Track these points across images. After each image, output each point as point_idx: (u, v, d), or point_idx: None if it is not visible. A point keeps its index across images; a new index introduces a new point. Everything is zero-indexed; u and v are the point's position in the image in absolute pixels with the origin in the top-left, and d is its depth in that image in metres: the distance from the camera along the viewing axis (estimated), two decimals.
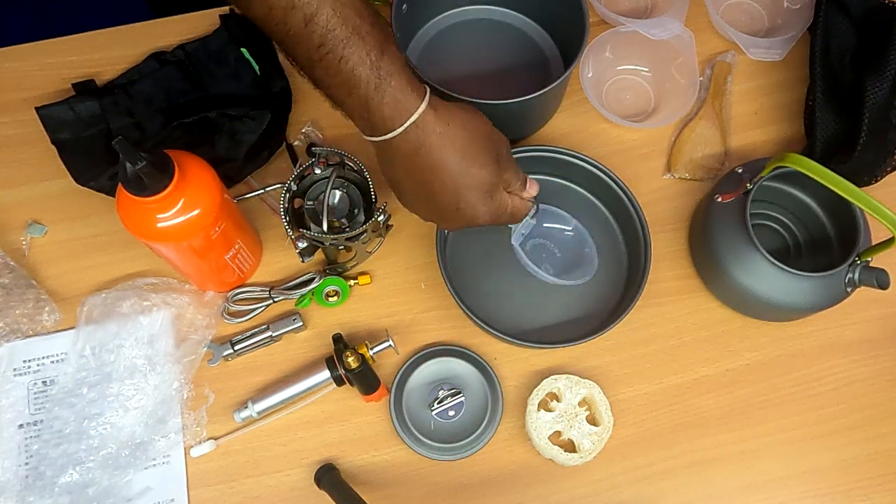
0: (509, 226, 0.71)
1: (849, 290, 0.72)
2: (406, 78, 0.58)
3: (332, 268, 0.79)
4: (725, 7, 0.94)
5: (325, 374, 0.73)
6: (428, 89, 0.59)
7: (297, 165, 0.79)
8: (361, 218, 0.74)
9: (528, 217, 0.69)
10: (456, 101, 0.63)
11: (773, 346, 0.79)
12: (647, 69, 0.91)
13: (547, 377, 0.75)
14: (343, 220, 0.74)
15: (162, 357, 0.75)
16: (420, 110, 0.58)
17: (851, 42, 0.83)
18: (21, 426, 0.74)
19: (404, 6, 0.82)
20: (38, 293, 0.77)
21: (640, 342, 0.78)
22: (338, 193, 0.75)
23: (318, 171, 0.74)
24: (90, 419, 0.73)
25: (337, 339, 0.74)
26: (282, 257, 0.81)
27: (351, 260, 0.79)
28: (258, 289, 0.78)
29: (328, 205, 0.71)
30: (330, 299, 0.79)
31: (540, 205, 0.72)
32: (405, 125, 0.58)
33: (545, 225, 0.76)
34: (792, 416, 0.76)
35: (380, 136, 0.59)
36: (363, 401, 0.75)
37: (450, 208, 0.62)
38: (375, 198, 0.74)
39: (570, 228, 0.77)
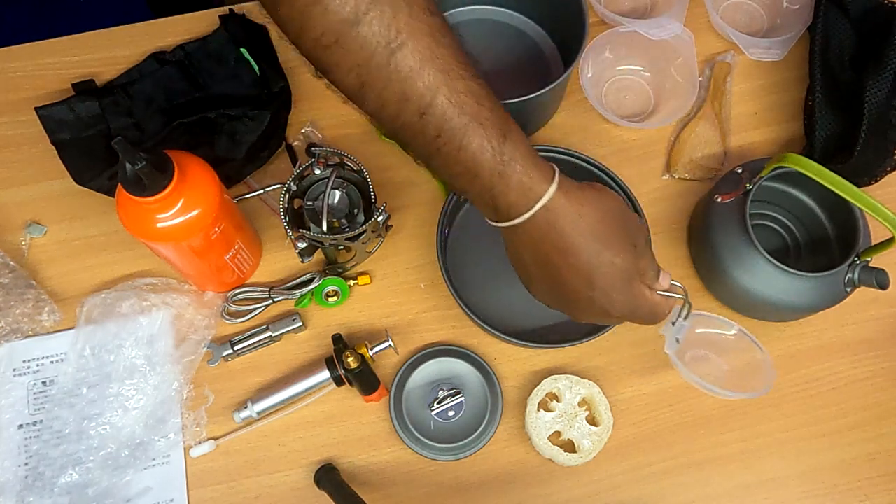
0: (661, 332, 0.66)
1: (848, 290, 0.72)
2: (532, 161, 0.54)
3: (332, 268, 0.79)
4: (725, 7, 0.95)
5: (325, 374, 0.73)
6: (556, 170, 0.55)
7: (297, 165, 0.79)
8: (361, 218, 0.74)
9: (680, 318, 0.62)
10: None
11: (772, 346, 0.78)
12: (646, 69, 0.91)
13: (547, 377, 0.75)
14: (343, 221, 0.74)
15: (161, 357, 0.75)
16: (549, 193, 0.54)
17: (851, 42, 0.83)
18: (21, 426, 0.74)
19: None
20: (37, 293, 0.77)
21: (640, 342, 0.78)
22: (337, 193, 0.75)
23: (317, 171, 0.74)
24: (90, 419, 0.73)
25: (337, 339, 0.74)
26: (281, 257, 0.81)
27: (351, 260, 0.79)
28: (258, 289, 0.78)
29: (328, 205, 0.71)
30: (330, 299, 0.79)
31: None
32: (533, 210, 0.54)
33: (698, 331, 0.69)
34: (792, 416, 0.76)
35: (505, 222, 0.56)
36: (363, 401, 0.75)
37: (582, 297, 0.57)
38: (375, 198, 0.74)
39: (732, 333, 0.71)
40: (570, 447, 0.74)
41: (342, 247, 0.76)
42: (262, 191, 0.81)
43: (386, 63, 0.51)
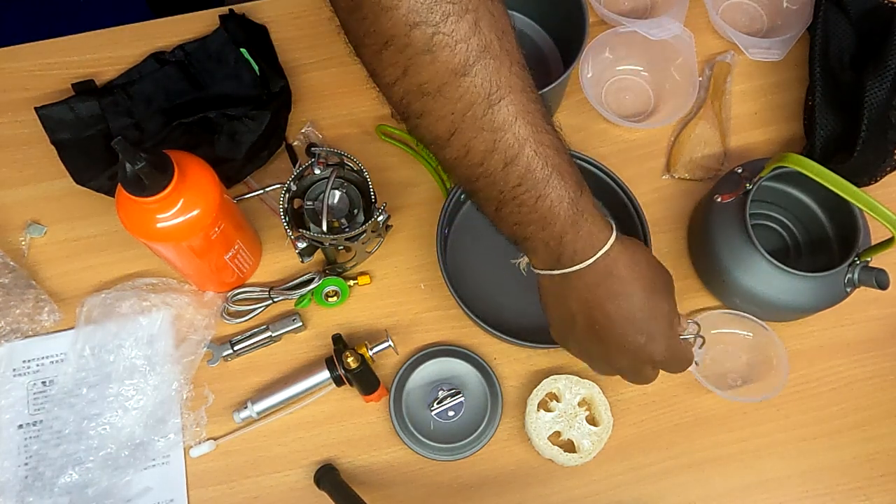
0: None
1: (848, 290, 0.72)
2: (597, 211, 0.57)
3: (332, 268, 0.79)
4: (725, 7, 0.94)
5: (325, 374, 0.73)
6: (611, 220, 0.59)
7: (297, 165, 0.79)
8: (361, 218, 0.75)
9: (695, 347, 0.66)
10: None
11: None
12: (646, 69, 0.91)
13: (547, 377, 0.75)
14: (342, 221, 0.74)
15: (161, 357, 0.75)
16: (611, 241, 0.57)
17: (851, 42, 0.83)
18: (20, 426, 0.74)
19: None
20: (37, 293, 0.77)
21: None
22: (337, 193, 0.75)
23: (317, 171, 0.74)
24: (90, 419, 0.73)
25: (336, 339, 0.74)
26: (281, 257, 0.81)
27: (350, 260, 0.79)
28: (258, 289, 0.78)
29: (328, 205, 0.71)
30: (329, 299, 0.79)
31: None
32: (595, 257, 0.56)
33: (722, 330, 0.76)
34: (792, 416, 0.76)
35: (564, 268, 0.57)
36: (363, 401, 0.75)
37: (629, 341, 0.59)
38: (375, 198, 0.74)
39: (749, 333, 0.77)
40: (570, 447, 0.74)
41: (342, 247, 0.76)
42: (262, 191, 0.81)
43: (482, 114, 0.52)
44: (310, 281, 0.78)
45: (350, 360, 0.70)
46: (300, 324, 0.77)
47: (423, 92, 0.51)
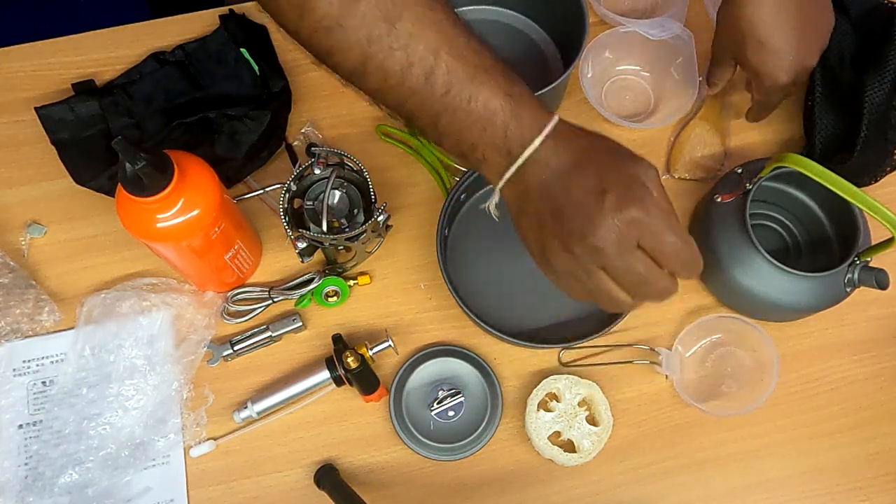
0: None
1: (848, 290, 0.72)
2: (533, 96, 0.56)
3: (332, 268, 0.79)
4: None
5: (325, 374, 0.73)
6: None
7: (297, 165, 0.79)
8: (361, 218, 0.75)
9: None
10: None
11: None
12: (646, 69, 0.91)
13: (547, 377, 0.75)
14: (342, 221, 0.74)
15: (161, 357, 0.75)
16: (556, 117, 0.55)
17: (851, 42, 0.83)
18: (20, 426, 0.74)
19: None
20: (37, 293, 0.77)
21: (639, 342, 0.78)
22: (337, 193, 0.75)
23: (317, 171, 0.74)
24: (90, 419, 0.73)
25: (336, 339, 0.74)
26: (281, 257, 0.81)
27: (350, 260, 0.79)
28: (258, 289, 0.78)
29: (327, 205, 0.71)
30: (329, 299, 0.79)
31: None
32: (543, 133, 0.54)
33: (718, 335, 0.77)
34: (792, 416, 0.76)
35: (517, 160, 0.55)
36: (363, 401, 0.75)
37: (597, 206, 0.53)
38: (375, 198, 0.74)
39: (739, 335, 0.77)
40: (570, 447, 0.74)
41: (342, 247, 0.76)
42: (262, 191, 0.81)
43: (387, 33, 0.53)
44: (310, 281, 0.78)
45: (350, 360, 0.70)
46: (300, 324, 0.77)
47: (325, 27, 0.53)
